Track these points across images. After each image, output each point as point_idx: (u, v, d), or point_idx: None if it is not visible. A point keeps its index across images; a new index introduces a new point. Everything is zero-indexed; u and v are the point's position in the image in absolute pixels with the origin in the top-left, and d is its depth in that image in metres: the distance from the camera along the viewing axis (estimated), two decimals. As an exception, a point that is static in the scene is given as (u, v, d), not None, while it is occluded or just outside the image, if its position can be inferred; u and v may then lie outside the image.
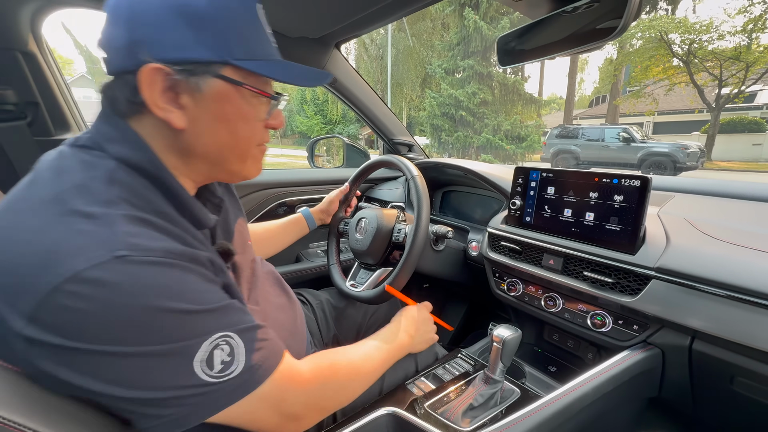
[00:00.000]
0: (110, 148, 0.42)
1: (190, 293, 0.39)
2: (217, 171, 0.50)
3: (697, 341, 0.67)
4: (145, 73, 0.39)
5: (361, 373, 0.60)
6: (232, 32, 0.42)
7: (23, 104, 0.90)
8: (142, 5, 0.39)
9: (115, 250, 0.35)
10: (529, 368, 0.96)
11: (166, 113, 0.42)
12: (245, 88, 0.44)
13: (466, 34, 12.91)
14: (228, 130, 0.46)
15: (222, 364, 0.39)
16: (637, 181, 0.75)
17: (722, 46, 12.23)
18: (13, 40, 0.84)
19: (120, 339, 0.34)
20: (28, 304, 0.33)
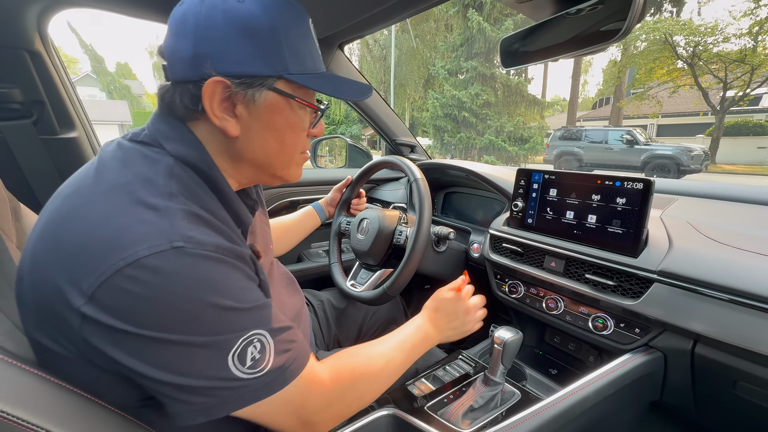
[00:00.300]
0: (168, 145, 0.45)
1: (234, 290, 0.41)
2: (262, 175, 0.54)
3: (700, 345, 0.67)
4: (208, 85, 0.43)
5: (381, 378, 0.58)
6: (287, 48, 0.45)
7: (29, 103, 0.91)
8: (208, 22, 0.42)
9: (173, 240, 0.37)
10: (530, 370, 0.95)
11: (223, 122, 0.45)
12: (296, 100, 0.48)
13: (469, 36, 12.90)
14: (276, 139, 0.50)
15: (252, 360, 0.41)
16: (640, 184, 0.74)
17: (727, 49, 12.17)
18: (20, 39, 0.85)
19: (167, 326, 0.37)
20: (89, 284, 0.35)
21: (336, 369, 0.52)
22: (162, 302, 0.36)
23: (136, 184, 0.41)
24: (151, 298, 0.36)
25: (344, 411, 0.53)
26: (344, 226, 1.12)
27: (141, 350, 0.37)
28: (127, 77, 34.40)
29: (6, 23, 0.83)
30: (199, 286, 0.38)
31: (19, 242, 0.64)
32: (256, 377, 0.41)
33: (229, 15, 0.42)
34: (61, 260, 0.37)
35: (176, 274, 0.37)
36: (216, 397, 0.40)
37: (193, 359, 0.38)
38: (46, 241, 0.39)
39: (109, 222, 0.38)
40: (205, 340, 0.38)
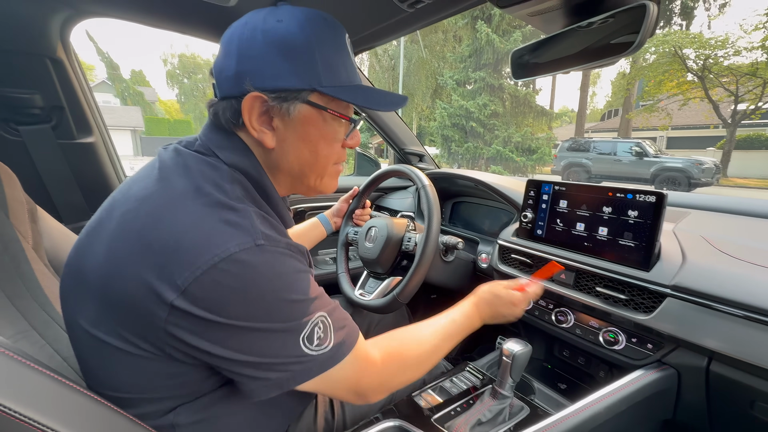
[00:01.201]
0: (221, 154, 0.49)
1: (302, 282, 0.46)
2: (298, 185, 0.57)
3: (715, 363, 0.65)
4: (247, 100, 0.46)
5: (427, 362, 0.61)
6: (321, 62, 0.47)
7: (49, 108, 0.94)
8: (249, 41, 0.46)
9: (256, 239, 0.42)
10: (539, 384, 0.94)
11: (261, 134, 0.48)
12: (328, 112, 0.50)
13: (478, 47, 13.00)
14: (310, 150, 0.52)
15: (318, 339, 0.46)
16: (652, 197, 0.74)
17: (738, 62, 12.05)
18: (43, 46, 0.88)
19: (252, 316, 0.41)
20: (184, 279, 0.39)
21: (385, 346, 0.56)
22: (249, 294, 0.41)
23: (209, 188, 0.44)
24: (240, 290, 0.40)
25: (392, 383, 0.57)
26: (352, 235, 1.12)
27: (226, 338, 0.41)
28: (141, 84, 35.19)
29: (31, 31, 0.86)
30: (279, 278, 0.43)
31: (35, 243, 0.65)
32: (321, 353, 0.46)
33: (268, 34, 0.46)
34: (151, 259, 0.40)
35: (261, 267, 0.42)
36: (289, 372, 0.45)
37: (271, 343, 0.43)
38: (130, 242, 0.42)
39: (199, 223, 0.41)
40: (282, 326, 0.43)
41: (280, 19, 0.46)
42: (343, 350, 0.49)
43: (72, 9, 0.88)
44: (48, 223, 0.72)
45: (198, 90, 36.38)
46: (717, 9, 14.42)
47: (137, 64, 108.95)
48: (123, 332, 0.43)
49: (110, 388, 0.46)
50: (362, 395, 0.53)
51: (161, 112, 37.81)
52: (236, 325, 0.41)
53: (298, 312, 0.45)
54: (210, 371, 0.48)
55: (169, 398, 0.47)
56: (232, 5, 0.85)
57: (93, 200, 1.06)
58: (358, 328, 0.54)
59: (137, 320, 0.42)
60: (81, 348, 0.47)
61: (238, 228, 0.42)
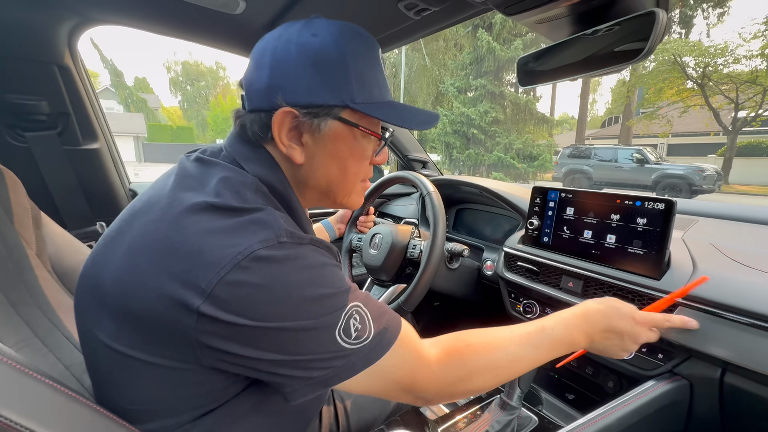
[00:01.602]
0: (247, 166, 0.48)
1: (330, 276, 0.44)
2: (324, 200, 0.56)
3: (729, 374, 0.64)
4: (278, 115, 0.45)
5: (500, 375, 0.52)
6: (354, 78, 0.46)
7: (55, 115, 0.94)
8: (283, 54, 0.45)
9: (279, 236, 0.41)
10: (546, 395, 0.92)
11: (289, 150, 0.48)
12: (360, 129, 0.49)
13: (479, 55, 13.12)
14: (338, 167, 0.51)
15: (356, 331, 0.43)
16: (662, 204, 0.73)
17: (738, 70, 12.12)
18: (51, 54, 0.88)
19: (280, 315, 0.39)
20: (208, 282, 0.37)
21: (447, 349, 0.50)
22: (275, 291, 0.39)
23: (232, 193, 0.43)
24: (265, 288, 0.39)
25: (453, 392, 0.51)
26: (355, 242, 1.12)
27: (257, 340, 0.40)
28: (144, 91, 35.54)
29: (39, 39, 0.86)
30: (304, 274, 0.41)
31: (38, 250, 0.65)
32: (361, 345, 0.44)
33: (303, 48, 0.45)
34: (175, 267, 0.39)
35: (285, 264, 0.40)
36: (331, 368, 0.42)
37: (305, 341, 0.41)
38: (153, 252, 0.40)
39: (222, 226, 0.40)
40: (313, 323, 0.41)
41: (315, 33, 0.46)
42: (387, 339, 0.46)
43: (80, 17, 0.89)
44: (52, 230, 0.72)
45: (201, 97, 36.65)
46: (716, 18, 14.57)
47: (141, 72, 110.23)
48: (148, 346, 0.41)
49: (129, 402, 0.44)
50: (421, 396, 0.49)
51: (164, 118, 38.04)
52: (266, 326, 0.39)
53: (327, 306, 0.43)
54: (235, 377, 0.45)
55: (187, 410, 0.45)
56: (238, 13, 0.86)
57: (97, 206, 1.06)
58: (401, 318, 0.51)
59: (164, 333, 0.40)
60: (98, 362, 0.45)
61: (262, 225, 0.41)
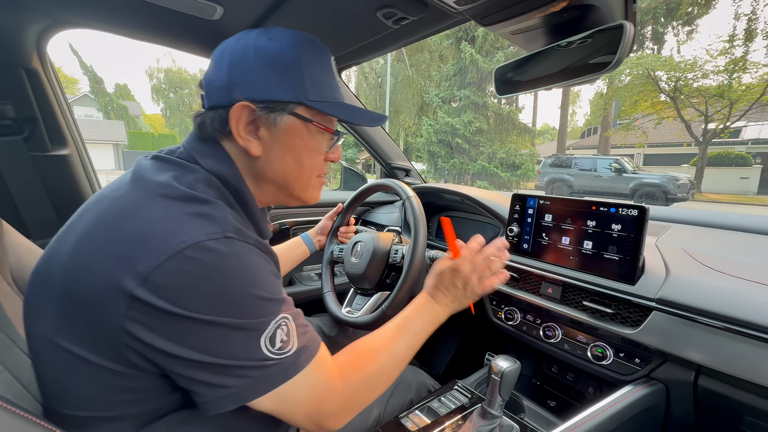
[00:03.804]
0: (202, 161, 0.49)
1: (269, 280, 0.45)
2: (282, 195, 0.58)
3: (702, 377, 0.65)
4: (236, 108, 0.48)
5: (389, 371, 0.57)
6: (308, 79, 0.50)
7: (21, 119, 0.90)
8: (241, 55, 0.48)
9: (226, 231, 0.42)
10: (528, 402, 0.92)
11: (246, 142, 0.50)
12: (313, 124, 0.52)
13: (462, 66, 13.42)
14: (294, 160, 0.54)
15: (281, 342, 0.44)
16: (635, 211, 0.75)
17: (707, 84, 12.75)
18: (18, 56, 0.85)
19: (214, 309, 0.40)
20: (147, 265, 0.38)
21: (344, 367, 0.53)
22: (213, 283, 0.40)
23: (184, 185, 0.45)
24: (204, 279, 0.39)
25: (354, 408, 0.53)
26: (337, 253, 1.10)
27: (184, 334, 0.39)
28: (125, 98, 34.76)
29: (5, 41, 0.83)
30: (245, 272, 0.42)
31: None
32: (283, 357, 0.44)
33: (260, 50, 0.48)
34: (117, 250, 0.39)
35: (229, 258, 0.41)
36: (249, 379, 0.42)
37: (231, 341, 0.41)
38: (99, 237, 0.41)
39: (170, 214, 0.41)
40: (243, 323, 0.41)
41: (272, 38, 0.49)
42: (306, 356, 0.47)
43: (50, 19, 0.86)
44: (13, 239, 0.68)
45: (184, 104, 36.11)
46: (685, 35, 15.36)
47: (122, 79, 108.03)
48: (84, 337, 0.41)
49: (69, 406, 0.43)
50: (322, 421, 0.49)
51: (146, 126, 37.25)
52: (197, 318, 0.39)
53: (262, 309, 0.43)
54: (170, 386, 0.45)
55: (129, 417, 0.44)
56: (216, 18, 0.85)
57: (65, 215, 1.01)
58: (319, 337, 0.52)
59: (97, 320, 0.40)
60: (40, 361, 0.45)
61: (210, 219, 0.42)
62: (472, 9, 0.71)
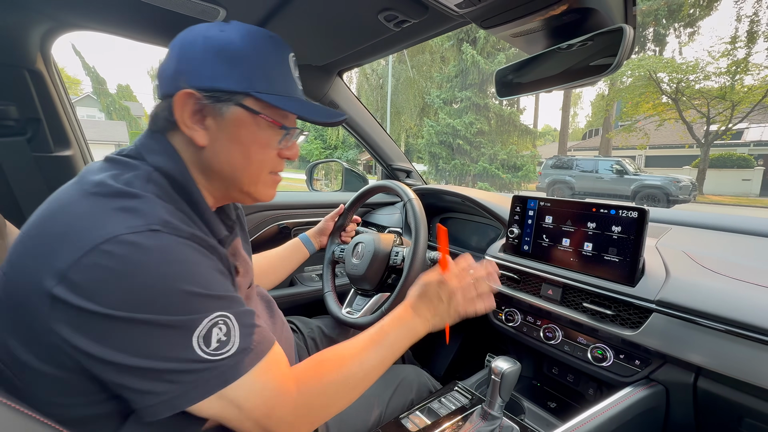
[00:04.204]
0: (150, 157, 0.48)
1: (203, 276, 0.43)
2: (232, 190, 0.56)
3: (702, 378, 0.65)
4: (179, 96, 0.47)
5: (354, 381, 0.53)
6: (258, 71, 0.49)
7: (24, 120, 0.91)
8: (190, 45, 0.48)
9: (151, 224, 0.40)
10: (528, 403, 0.92)
11: (192, 131, 0.49)
12: (261, 117, 0.50)
13: (464, 68, 13.43)
14: (241, 152, 0.52)
15: (218, 342, 0.41)
16: (635, 213, 0.75)
17: (708, 86, 12.74)
18: (22, 58, 0.86)
19: (134, 305, 0.37)
20: (64, 262, 0.37)
21: (302, 373, 0.50)
22: (133, 278, 0.38)
23: (117, 182, 0.43)
24: (123, 274, 0.37)
25: (312, 419, 0.50)
26: (338, 253, 1.10)
27: (105, 333, 0.37)
28: (128, 99, 34.88)
29: (9, 42, 0.84)
30: (171, 266, 0.40)
31: (2, 260, 0.62)
32: (221, 359, 0.41)
33: (209, 40, 0.48)
34: (40, 250, 0.39)
35: (151, 252, 0.39)
36: (181, 384, 0.39)
37: (157, 340, 0.38)
38: (28, 239, 0.41)
39: (94, 211, 0.40)
40: (170, 320, 0.39)
41: (224, 29, 0.49)
42: (250, 359, 0.43)
43: (54, 21, 0.86)
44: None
45: (186, 105, 36.14)
46: (687, 36, 15.33)
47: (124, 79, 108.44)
48: (28, 342, 0.39)
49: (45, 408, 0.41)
50: (273, 428, 0.45)
51: (147, 126, 37.33)
52: (116, 316, 0.37)
53: (190, 306, 0.40)
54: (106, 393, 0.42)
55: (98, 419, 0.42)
56: (218, 21, 0.85)
57: (68, 215, 1.02)
58: (273, 338, 0.49)
59: (31, 323, 0.39)
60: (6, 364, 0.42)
61: (134, 213, 0.41)
62: (473, 12, 0.71)
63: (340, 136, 23.36)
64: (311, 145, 26.59)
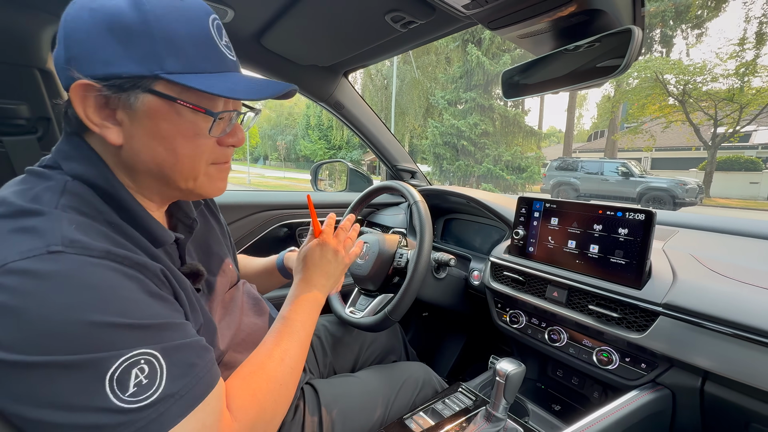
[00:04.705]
0: (66, 165, 0.42)
1: (122, 302, 0.36)
2: (167, 188, 0.48)
3: (709, 383, 0.64)
4: (74, 89, 0.39)
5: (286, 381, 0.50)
6: (166, 46, 0.39)
7: (35, 119, 0.92)
8: (75, 23, 0.39)
9: (50, 245, 0.34)
10: (532, 406, 0.92)
11: (102, 129, 0.41)
12: (179, 104, 0.42)
13: (468, 69, 13.41)
14: (165, 148, 0.43)
15: (136, 386, 0.34)
16: (642, 215, 0.74)
17: (716, 88, 12.64)
18: (33, 58, 0.87)
19: (27, 345, 0.31)
20: None
21: (237, 403, 0.44)
22: (25, 314, 0.32)
23: (20, 199, 0.38)
24: (13, 310, 0.31)
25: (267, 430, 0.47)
26: None
27: (2, 381, 0.32)
28: (134, 98, 35.11)
29: (21, 43, 0.85)
30: (74, 294, 0.33)
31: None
32: (140, 407, 0.34)
33: (96, 13, 0.38)
34: None
35: (48, 279, 0.33)
36: None
37: (60, 385, 0.32)
38: None
39: None
40: (73, 360, 0.32)
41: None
42: (179, 407, 0.36)
43: (65, 21, 0.88)
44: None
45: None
46: (694, 38, 15.21)
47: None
48: None
49: None
50: None
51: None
52: (9, 360, 0.31)
53: (99, 339, 0.33)
54: None
55: None
56: (227, 22, 0.86)
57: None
58: (217, 376, 0.42)
59: None
60: None
61: (32, 233, 0.34)
62: (480, 13, 0.72)
63: (345, 137, 23.40)
64: (315, 145, 26.68)
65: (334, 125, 23.27)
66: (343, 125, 1.46)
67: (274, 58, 1.12)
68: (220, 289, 0.60)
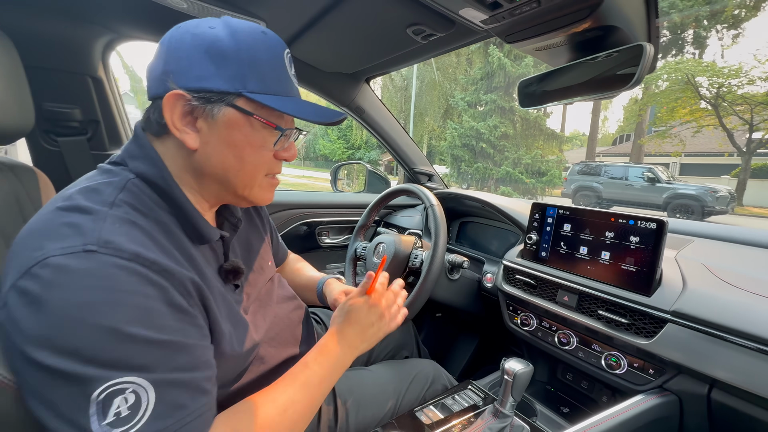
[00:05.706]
0: (131, 163, 0.47)
1: (133, 308, 0.36)
2: (225, 193, 0.53)
3: (716, 390, 0.66)
4: (168, 97, 0.45)
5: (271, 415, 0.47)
6: (250, 70, 0.47)
7: (86, 122, 1.01)
8: (178, 43, 0.46)
9: (87, 244, 0.36)
10: (541, 407, 0.94)
11: (182, 134, 0.47)
12: (255, 118, 0.48)
13: (489, 70, 13.27)
14: (235, 155, 0.50)
15: (114, 416, 0.33)
16: (653, 224, 0.76)
17: (753, 91, 12.02)
18: (87, 66, 0.96)
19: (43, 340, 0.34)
20: (5, 287, 0.36)
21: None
22: (47, 304, 0.34)
23: (78, 192, 0.42)
24: (38, 299, 0.34)
25: None
26: (360, 251, 1.16)
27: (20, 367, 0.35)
28: (162, 97, 36.36)
29: (77, 53, 0.94)
30: (93, 293, 0.35)
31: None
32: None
33: (197, 38, 0.45)
34: (4, 267, 0.38)
35: (76, 275, 0.35)
36: None
37: (57, 389, 0.33)
38: None
39: (42, 228, 0.39)
40: (71, 370, 0.33)
41: (213, 26, 0.47)
42: None
43: (114, 33, 0.97)
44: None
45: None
46: (730, 39, 14.51)
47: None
48: None
49: None
50: None
51: (179, 124, 38.86)
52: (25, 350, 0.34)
53: (102, 350, 0.34)
54: None
55: None
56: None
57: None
58: (209, 421, 0.41)
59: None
60: None
61: (76, 230, 0.37)
62: (498, 27, 0.75)
63: (363, 137, 23.55)
64: (334, 144, 26.92)
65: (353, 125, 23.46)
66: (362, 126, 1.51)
67: (300, 65, 1.18)
68: (258, 285, 0.65)
